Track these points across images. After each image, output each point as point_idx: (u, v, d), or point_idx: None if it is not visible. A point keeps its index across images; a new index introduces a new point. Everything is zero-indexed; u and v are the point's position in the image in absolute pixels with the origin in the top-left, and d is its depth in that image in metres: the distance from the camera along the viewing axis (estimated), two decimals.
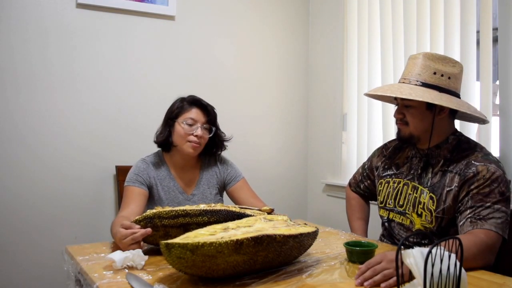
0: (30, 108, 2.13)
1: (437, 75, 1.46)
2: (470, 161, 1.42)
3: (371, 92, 1.60)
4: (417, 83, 1.46)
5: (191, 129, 1.75)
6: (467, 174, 1.41)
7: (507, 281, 1.17)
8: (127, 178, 1.77)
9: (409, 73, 1.50)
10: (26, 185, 2.13)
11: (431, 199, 1.48)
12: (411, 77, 1.48)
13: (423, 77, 1.46)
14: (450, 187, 1.44)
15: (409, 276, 0.96)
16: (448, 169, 1.47)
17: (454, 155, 1.48)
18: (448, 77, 1.46)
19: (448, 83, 1.46)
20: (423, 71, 1.47)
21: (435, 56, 1.48)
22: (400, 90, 1.45)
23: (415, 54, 1.53)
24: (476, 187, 1.38)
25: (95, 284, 1.12)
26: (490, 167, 1.39)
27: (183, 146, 1.76)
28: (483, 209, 1.34)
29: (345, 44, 2.67)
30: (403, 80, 1.51)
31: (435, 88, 1.45)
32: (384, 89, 1.54)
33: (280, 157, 2.88)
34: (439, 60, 1.48)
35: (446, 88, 1.46)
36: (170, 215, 1.34)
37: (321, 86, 2.88)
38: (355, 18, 2.60)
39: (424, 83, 1.46)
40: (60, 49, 2.19)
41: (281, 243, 1.16)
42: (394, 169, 1.66)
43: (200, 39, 2.56)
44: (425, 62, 1.47)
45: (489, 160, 1.41)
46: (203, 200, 1.83)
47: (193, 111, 1.78)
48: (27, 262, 2.13)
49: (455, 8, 2.03)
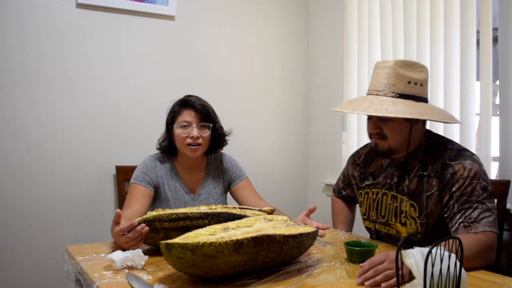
0: (29, 108, 2.13)
1: (411, 84, 1.40)
2: (445, 161, 1.40)
3: (348, 108, 1.45)
4: (394, 95, 1.39)
5: (186, 132, 1.73)
6: (444, 176, 1.39)
7: (507, 281, 1.17)
8: (134, 174, 1.77)
9: (381, 84, 1.41)
10: (26, 185, 2.13)
11: (412, 206, 1.46)
12: (386, 89, 1.40)
13: (398, 88, 1.39)
14: (430, 192, 1.42)
15: (409, 276, 0.96)
16: (424, 173, 1.45)
17: (428, 156, 1.46)
18: (421, 84, 1.42)
19: (421, 91, 1.42)
20: (397, 81, 1.39)
21: (405, 63, 1.42)
22: (383, 106, 1.36)
23: (383, 62, 1.45)
24: (458, 188, 1.35)
25: (95, 284, 1.12)
26: (465, 164, 1.37)
27: (183, 150, 1.76)
28: (472, 211, 1.32)
29: (345, 44, 2.67)
30: (377, 92, 1.42)
31: (412, 98, 1.40)
32: (361, 104, 1.41)
33: (280, 157, 2.88)
34: (410, 67, 1.42)
35: (420, 96, 1.41)
36: (170, 218, 1.34)
37: (321, 86, 2.88)
38: (355, 18, 2.60)
39: (401, 94, 1.39)
40: (60, 49, 2.19)
41: (281, 243, 1.16)
42: (371, 179, 1.62)
43: (200, 39, 2.56)
44: (398, 71, 1.39)
45: (463, 156, 1.39)
46: (209, 200, 1.83)
47: (185, 113, 1.76)
48: (27, 262, 2.13)
49: (455, 8, 2.03)
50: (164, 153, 1.84)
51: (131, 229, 1.31)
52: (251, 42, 2.74)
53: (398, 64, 1.40)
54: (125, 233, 1.31)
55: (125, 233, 1.31)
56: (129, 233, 1.31)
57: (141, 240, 1.34)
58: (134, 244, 1.33)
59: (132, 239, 1.32)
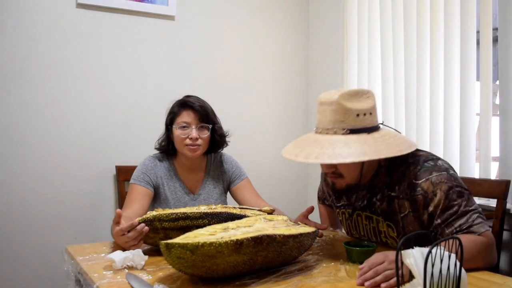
0: (29, 108, 2.13)
1: (360, 116, 1.32)
2: (411, 181, 1.34)
3: (299, 156, 1.35)
4: (345, 132, 1.30)
5: (185, 133, 1.73)
6: (415, 198, 1.33)
7: (507, 281, 1.17)
8: (134, 175, 1.77)
9: (329, 122, 1.32)
10: (26, 185, 2.13)
11: (389, 227, 1.43)
12: (335, 126, 1.31)
13: (348, 124, 1.31)
14: (404, 213, 1.37)
15: (409, 276, 0.96)
16: (392, 194, 1.40)
17: (392, 176, 1.40)
18: (370, 113, 1.34)
19: (371, 120, 1.34)
20: (345, 116, 1.30)
21: (350, 94, 1.33)
22: (335, 150, 1.27)
23: (327, 97, 1.33)
24: (436, 206, 1.29)
25: (95, 284, 1.12)
26: (432, 178, 1.31)
27: (182, 150, 1.76)
28: (460, 220, 1.27)
29: (345, 44, 2.67)
30: (326, 130, 1.33)
31: (363, 130, 1.32)
32: (313, 150, 1.32)
33: (280, 157, 2.87)
34: (356, 97, 1.34)
35: (370, 126, 1.34)
36: (170, 218, 1.34)
37: (321, 86, 2.87)
38: (355, 18, 2.60)
39: (352, 129, 1.31)
40: (60, 49, 2.19)
41: (281, 243, 1.16)
42: (345, 199, 1.58)
43: (200, 39, 2.56)
44: (344, 106, 1.30)
45: (427, 170, 1.33)
46: (209, 200, 1.83)
47: (184, 114, 1.75)
48: (27, 262, 2.13)
49: (455, 8, 2.03)
50: (164, 154, 1.84)
51: (131, 228, 1.31)
52: (251, 42, 2.73)
53: (343, 97, 1.31)
54: (125, 233, 1.31)
55: (125, 233, 1.31)
56: (129, 232, 1.31)
57: (141, 240, 1.35)
58: (134, 244, 1.33)
59: (132, 239, 1.32)
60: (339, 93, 1.31)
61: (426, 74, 2.16)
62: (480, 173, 1.95)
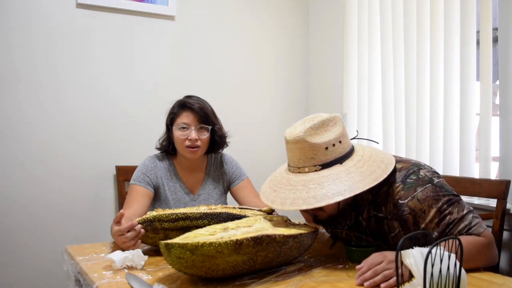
0: (29, 107, 2.13)
1: (329, 148, 1.28)
2: (397, 201, 1.29)
3: (276, 203, 1.31)
4: (316, 168, 1.28)
5: (185, 134, 1.72)
6: (404, 217, 1.28)
7: (507, 281, 1.17)
8: (134, 175, 1.76)
9: (299, 160, 1.30)
10: (26, 185, 2.13)
11: (380, 246, 1.39)
12: (306, 163, 1.29)
13: (318, 159, 1.28)
14: (394, 233, 1.33)
15: (409, 276, 0.96)
16: (379, 214, 1.34)
17: (375, 195, 1.34)
18: (339, 141, 1.30)
19: (342, 148, 1.31)
20: (314, 152, 1.28)
21: (314, 127, 1.29)
22: (309, 194, 1.24)
23: (292, 135, 1.30)
24: (428, 222, 1.25)
25: (95, 284, 1.12)
26: (418, 195, 1.26)
27: (182, 151, 1.75)
28: (456, 226, 1.25)
29: (345, 44, 2.67)
30: (298, 169, 1.31)
31: (336, 162, 1.29)
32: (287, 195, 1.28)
33: (280, 157, 2.88)
34: (321, 129, 1.30)
35: (342, 155, 1.31)
36: (170, 218, 1.34)
37: (321, 86, 2.88)
38: (355, 18, 2.60)
39: (324, 164, 1.28)
40: (60, 49, 2.19)
41: (281, 243, 1.16)
42: (330, 225, 1.52)
43: (200, 39, 2.56)
44: (311, 142, 1.27)
45: (411, 187, 1.28)
46: (209, 200, 1.83)
47: (184, 115, 1.74)
48: (27, 262, 2.13)
49: (455, 8, 2.03)
50: (164, 154, 1.84)
51: (130, 229, 1.31)
52: (251, 42, 2.73)
53: (308, 133, 1.28)
54: (123, 233, 1.31)
55: (123, 233, 1.31)
56: (128, 233, 1.31)
57: (138, 241, 1.34)
58: (132, 245, 1.33)
59: (130, 239, 1.32)
60: (304, 129, 1.28)
61: (426, 74, 2.15)
62: (480, 173, 1.95)
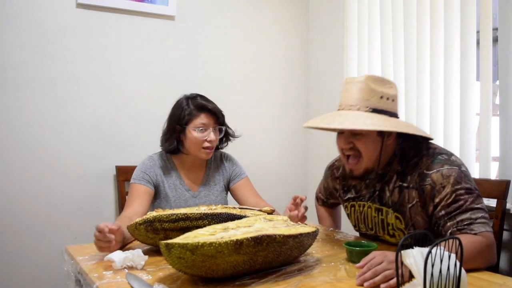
0: (29, 108, 2.13)
1: (384, 99, 1.38)
2: (422, 171, 1.37)
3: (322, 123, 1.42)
4: (368, 109, 1.37)
5: (204, 135, 1.73)
6: (424, 188, 1.36)
7: (507, 281, 1.17)
8: (134, 175, 1.77)
9: (354, 99, 1.38)
10: (26, 185, 2.13)
11: (397, 218, 1.44)
12: (360, 103, 1.37)
13: (372, 103, 1.37)
14: (412, 203, 1.40)
15: (409, 276, 0.96)
16: (404, 184, 1.42)
17: (404, 166, 1.43)
18: (392, 100, 1.40)
19: (392, 106, 1.41)
20: (370, 95, 1.37)
21: (376, 78, 1.40)
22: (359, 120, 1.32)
23: (353, 78, 1.43)
24: (442, 199, 1.32)
25: (95, 284, 1.12)
26: (443, 171, 1.33)
27: (197, 152, 1.75)
28: (463, 216, 1.28)
29: (345, 44, 2.67)
30: (350, 107, 1.39)
31: (385, 113, 1.38)
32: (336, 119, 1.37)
33: (280, 157, 2.88)
34: (381, 82, 1.40)
35: (391, 111, 1.40)
36: (170, 219, 1.34)
37: (321, 86, 2.88)
38: (355, 18, 2.60)
39: (375, 109, 1.37)
40: (60, 49, 2.19)
41: (281, 243, 1.16)
42: (353, 192, 1.59)
43: (200, 39, 2.56)
44: (370, 86, 1.37)
45: (439, 162, 1.35)
46: (209, 197, 1.84)
47: (203, 116, 1.74)
48: (27, 262, 2.13)
49: (455, 8, 2.03)
50: (163, 152, 1.85)
51: (100, 231, 1.30)
52: (250, 42, 2.73)
53: (369, 79, 1.38)
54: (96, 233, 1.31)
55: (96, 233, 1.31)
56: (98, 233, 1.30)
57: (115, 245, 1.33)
58: (105, 246, 1.31)
59: (97, 239, 1.31)
60: (366, 75, 1.40)
61: (426, 74, 2.16)
62: (480, 173, 1.95)
